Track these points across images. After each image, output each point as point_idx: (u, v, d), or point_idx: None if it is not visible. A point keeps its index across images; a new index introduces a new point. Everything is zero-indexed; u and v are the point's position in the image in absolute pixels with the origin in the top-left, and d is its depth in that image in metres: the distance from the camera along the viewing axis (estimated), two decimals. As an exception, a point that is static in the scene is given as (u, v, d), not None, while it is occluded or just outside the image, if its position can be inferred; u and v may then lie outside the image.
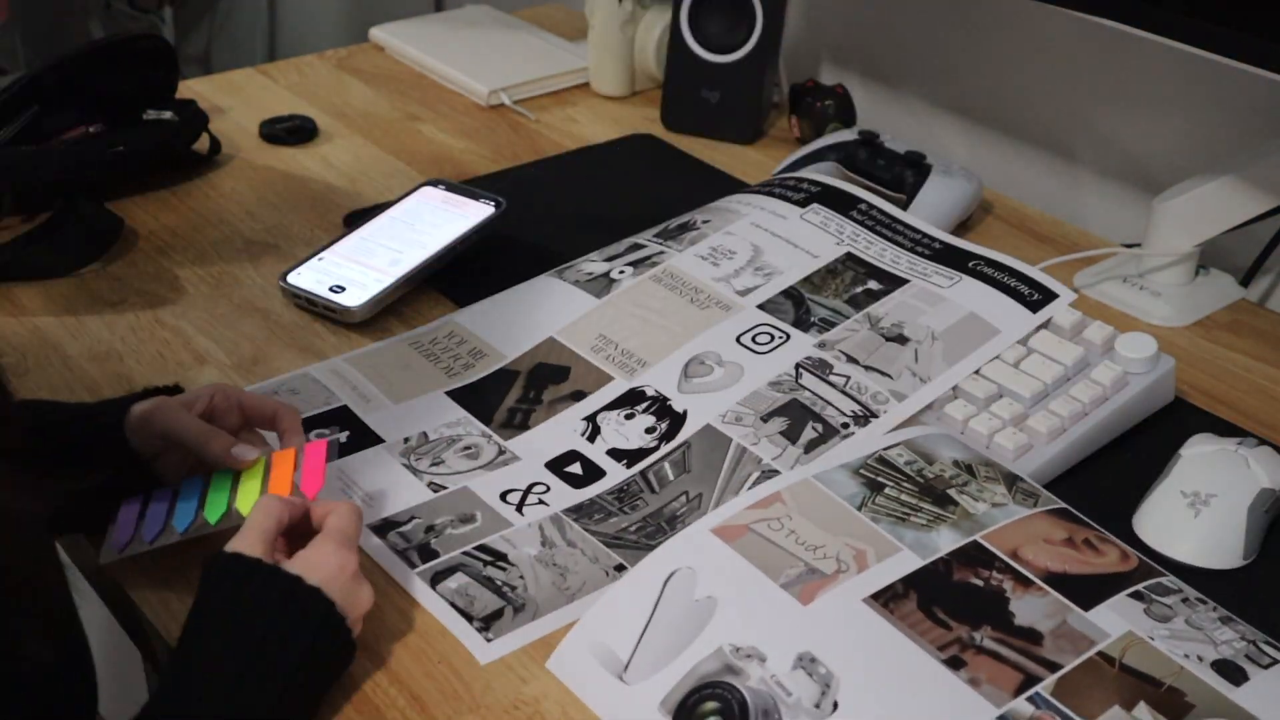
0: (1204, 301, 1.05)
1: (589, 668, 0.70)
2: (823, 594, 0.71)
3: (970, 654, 0.68)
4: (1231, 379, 0.97)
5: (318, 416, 0.89)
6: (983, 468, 0.80)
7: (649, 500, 0.82)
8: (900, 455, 0.80)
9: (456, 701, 0.70)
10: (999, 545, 0.74)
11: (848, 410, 0.86)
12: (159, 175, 1.18)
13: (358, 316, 0.98)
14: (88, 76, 1.15)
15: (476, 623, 0.74)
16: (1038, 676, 0.67)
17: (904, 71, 1.35)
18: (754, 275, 0.97)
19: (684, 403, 0.88)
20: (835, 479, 0.78)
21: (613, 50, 1.35)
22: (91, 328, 0.99)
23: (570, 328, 0.95)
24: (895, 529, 0.75)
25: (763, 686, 0.66)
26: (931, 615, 0.70)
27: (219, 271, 1.06)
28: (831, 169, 1.15)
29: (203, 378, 0.93)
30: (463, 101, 1.37)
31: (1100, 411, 0.87)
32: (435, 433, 0.88)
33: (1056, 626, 0.69)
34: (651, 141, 1.29)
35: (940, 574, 0.72)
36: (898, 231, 1.01)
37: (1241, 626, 0.71)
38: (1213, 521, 0.80)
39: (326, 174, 1.22)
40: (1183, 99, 1.12)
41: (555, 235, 1.10)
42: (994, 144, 1.28)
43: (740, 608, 0.70)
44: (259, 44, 2.51)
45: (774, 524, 0.75)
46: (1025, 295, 0.93)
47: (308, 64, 1.44)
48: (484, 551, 0.78)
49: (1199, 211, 1.02)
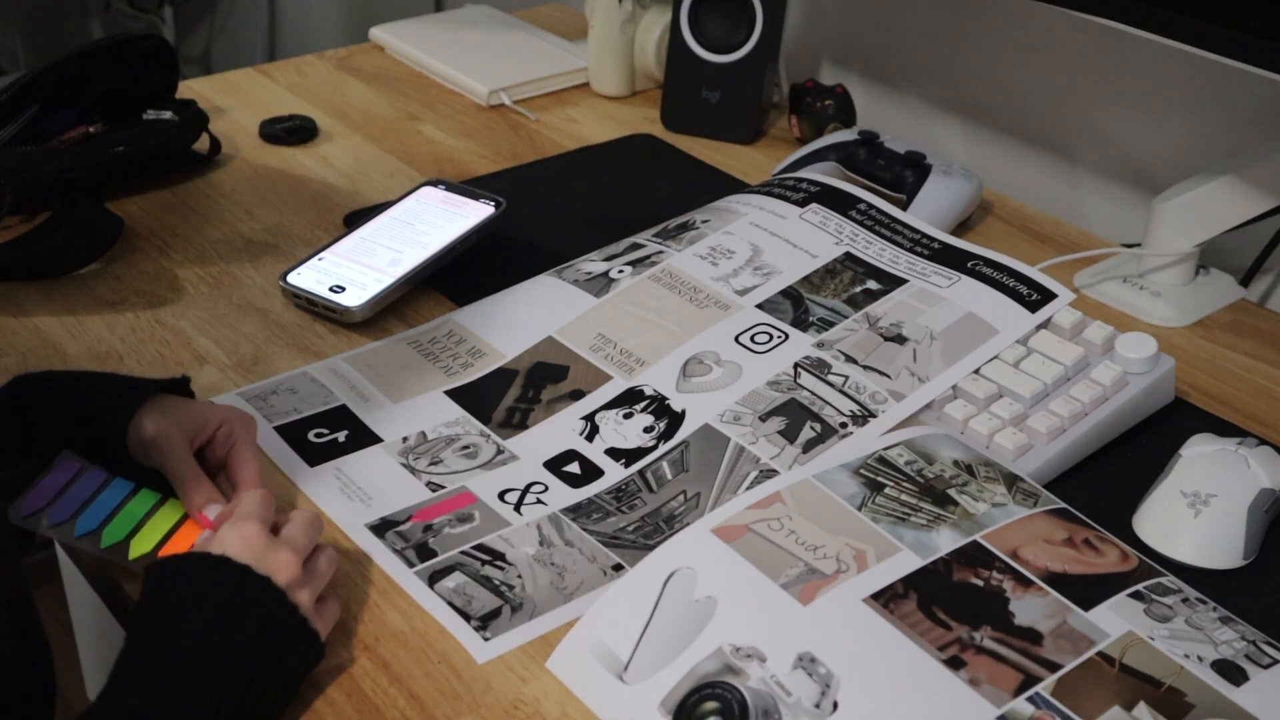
0: (1204, 301, 1.05)
1: (589, 667, 0.70)
2: (823, 594, 0.71)
3: (970, 654, 0.68)
4: (1231, 379, 0.97)
5: (316, 416, 0.89)
6: (983, 468, 0.80)
7: (647, 500, 0.82)
8: (900, 455, 0.80)
9: (456, 701, 0.70)
10: (999, 545, 0.74)
11: (846, 410, 0.86)
12: (159, 175, 1.18)
13: (358, 316, 0.98)
14: (88, 76, 1.15)
15: (474, 622, 0.74)
16: (1037, 676, 0.67)
17: (904, 71, 1.35)
18: (753, 275, 0.97)
19: (682, 402, 0.88)
20: (835, 479, 0.78)
21: (613, 50, 1.35)
22: (91, 328, 0.99)
23: (569, 327, 0.95)
24: (895, 529, 0.75)
25: (763, 687, 0.66)
26: (931, 615, 0.70)
27: (219, 271, 1.06)
28: (831, 169, 1.15)
29: (203, 378, 0.93)
30: (463, 101, 1.37)
31: (1100, 411, 0.87)
32: (434, 432, 0.88)
33: (1056, 626, 0.69)
34: (651, 141, 1.29)
35: (940, 574, 0.72)
36: (897, 231, 1.00)
37: (1241, 627, 0.71)
38: (1213, 521, 0.80)
39: (326, 174, 1.22)
40: (1183, 99, 1.12)
41: (555, 235, 1.10)
42: (994, 144, 1.28)
43: (740, 608, 0.70)
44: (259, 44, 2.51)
45: (774, 524, 0.75)
46: (1024, 295, 0.93)
47: (308, 64, 1.44)
48: (482, 551, 0.78)
49: (1199, 211, 1.01)
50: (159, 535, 0.75)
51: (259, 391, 0.91)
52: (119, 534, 0.75)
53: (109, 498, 0.76)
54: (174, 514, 0.76)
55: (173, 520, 0.76)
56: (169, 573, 0.69)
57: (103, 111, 1.16)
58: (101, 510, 0.76)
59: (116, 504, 0.76)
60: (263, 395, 0.91)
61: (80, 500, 0.76)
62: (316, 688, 0.71)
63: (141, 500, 0.77)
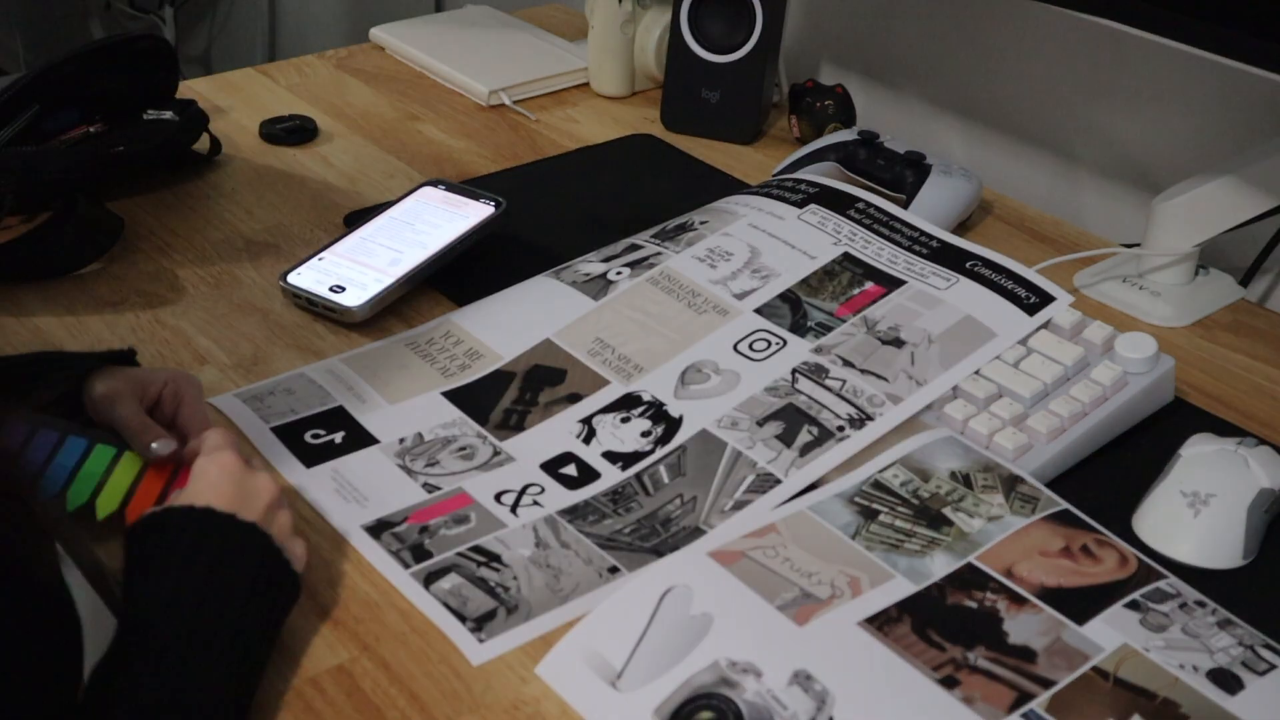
0: (1204, 301, 1.04)
1: (580, 674, 0.70)
2: (817, 617, 0.71)
3: (964, 674, 0.68)
4: (1231, 379, 0.97)
5: (314, 417, 0.89)
6: (980, 475, 0.80)
7: (643, 503, 0.82)
8: (895, 476, 0.80)
9: (456, 701, 0.70)
10: (993, 564, 0.75)
11: (843, 413, 0.86)
12: (159, 175, 1.18)
13: (358, 316, 0.98)
14: (88, 76, 1.15)
15: (469, 623, 0.74)
16: (1031, 694, 0.67)
17: (904, 71, 1.35)
18: (751, 278, 0.97)
19: (680, 408, 0.88)
20: (829, 508, 0.79)
21: (613, 50, 1.35)
22: (91, 328, 0.99)
23: (567, 330, 0.95)
24: (889, 556, 0.75)
25: (759, 700, 0.66)
26: (925, 638, 0.70)
27: (219, 271, 1.06)
28: (831, 169, 1.15)
29: (203, 378, 0.93)
30: (463, 101, 1.37)
31: (1100, 411, 0.86)
32: (430, 433, 0.87)
33: (1050, 644, 0.70)
34: (651, 141, 1.29)
35: (934, 598, 0.73)
36: (895, 230, 1.00)
37: (1240, 630, 0.71)
38: (1212, 521, 0.80)
39: (326, 174, 1.22)
40: (1183, 99, 1.12)
41: (555, 235, 1.10)
42: (994, 144, 1.28)
43: (737, 625, 0.70)
44: (259, 44, 2.51)
45: (769, 551, 0.75)
46: (1023, 298, 0.93)
47: (308, 64, 1.44)
48: (478, 552, 0.78)
49: (1199, 211, 1.01)
50: (122, 491, 0.75)
51: (256, 392, 0.91)
52: (82, 496, 0.75)
53: (65, 458, 0.76)
54: (133, 466, 0.77)
55: (133, 473, 0.76)
56: (154, 531, 0.69)
57: (103, 111, 1.16)
58: (60, 473, 0.75)
59: (74, 465, 0.76)
60: (259, 396, 0.91)
61: (37, 463, 0.75)
62: (317, 687, 0.71)
63: (98, 456, 0.76)
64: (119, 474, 0.76)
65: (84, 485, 0.75)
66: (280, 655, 0.72)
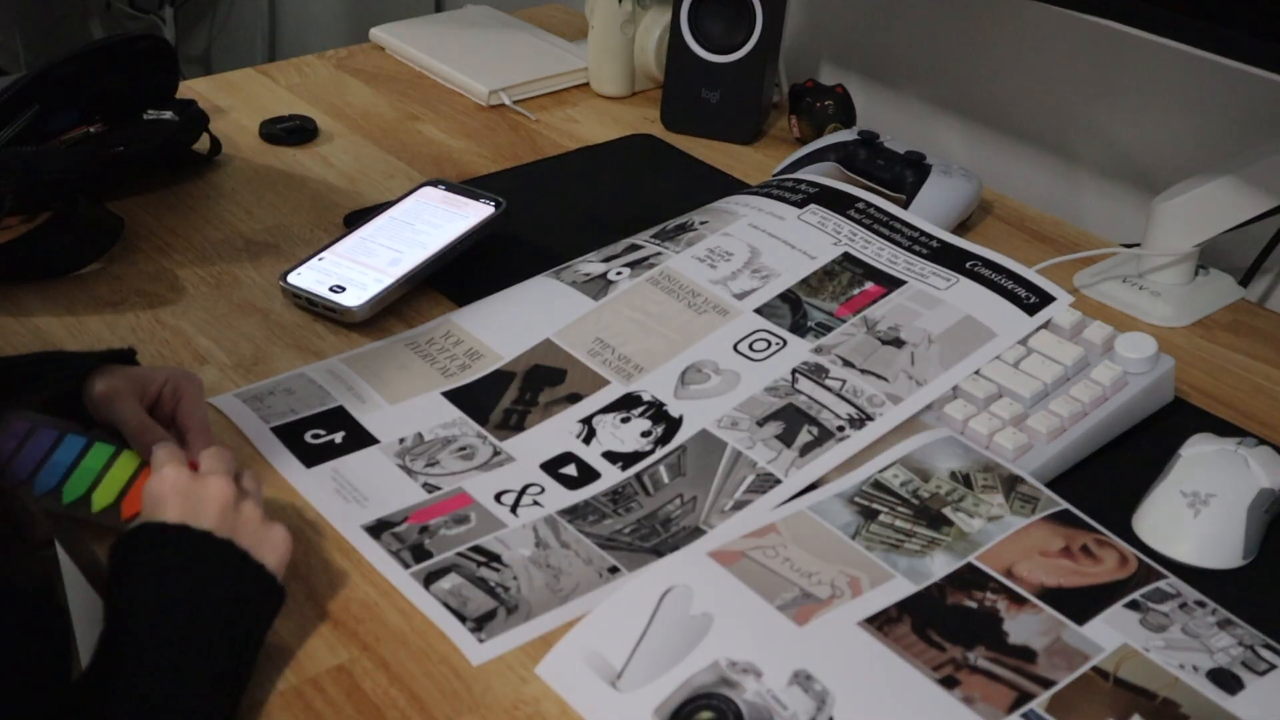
0: (1204, 301, 1.04)
1: (581, 674, 0.70)
2: (817, 617, 0.71)
3: (964, 674, 0.68)
4: (1231, 379, 0.97)
5: (314, 417, 0.89)
6: (981, 475, 0.80)
7: (643, 503, 0.82)
8: (895, 476, 0.80)
9: (456, 701, 0.70)
10: (993, 564, 0.75)
11: (843, 413, 0.86)
12: (159, 175, 1.18)
13: (358, 316, 0.98)
14: (88, 76, 1.15)
15: (469, 623, 0.74)
16: (1031, 694, 0.67)
17: (904, 71, 1.35)
18: (751, 278, 0.97)
19: (680, 408, 0.88)
20: (829, 509, 0.79)
21: (613, 50, 1.35)
22: (91, 328, 0.99)
23: (567, 330, 0.95)
24: (889, 556, 0.75)
25: (759, 700, 0.66)
26: (925, 638, 0.70)
27: (219, 271, 1.06)
28: (831, 169, 1.15)
29: (203, 378, 0.92)
30: (463, 101, 1.37)
31: (1100, 411, 0.86)
32: (430, 433, 0.87)
33: (1050, 644, 0.70)
34: (651, 141, 1.29)
35: (934, 598, 0.73)
36: (895, 229, 1.00)
37: (1240, 630, 0.71)
38: (1212, 521, 0.80)
39: (326, 174, 1.22)
40: (1183, 99, 1.12)
41: (555, 235, 1.10)
42: (994, 144, 1.28)
43: (736, 625, 0.70)
44: (259, 44, 2.51)
45: (769, 551, 0.75)
46: (1022, 299, 0.93)
47: (308, 64, 1.44)
48: (478, 552, 0.78)
49: (1199, 211, 1.01)
50: (119, 486, 0.76)
51: (255, 393, 0.91)
52: (79, 489, 0.75)
53: (64, 455, 0.76)
54: (131, 463, 0.77)
55: (130, 470, 0.77)
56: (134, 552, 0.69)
57: (103, 111, 1.16)
58: (58, 467, 0.76)
59: (72, 460, 0.76)
60: (259, 396, 0.91)
61: (35, 459, 0.75)
62: (317, 687, 0.71)
63: (97, 453, 0.77)
64: (116, 470, 0.77)
65: (81, 479, 0.76)
66: (280, 655, 0.72)
